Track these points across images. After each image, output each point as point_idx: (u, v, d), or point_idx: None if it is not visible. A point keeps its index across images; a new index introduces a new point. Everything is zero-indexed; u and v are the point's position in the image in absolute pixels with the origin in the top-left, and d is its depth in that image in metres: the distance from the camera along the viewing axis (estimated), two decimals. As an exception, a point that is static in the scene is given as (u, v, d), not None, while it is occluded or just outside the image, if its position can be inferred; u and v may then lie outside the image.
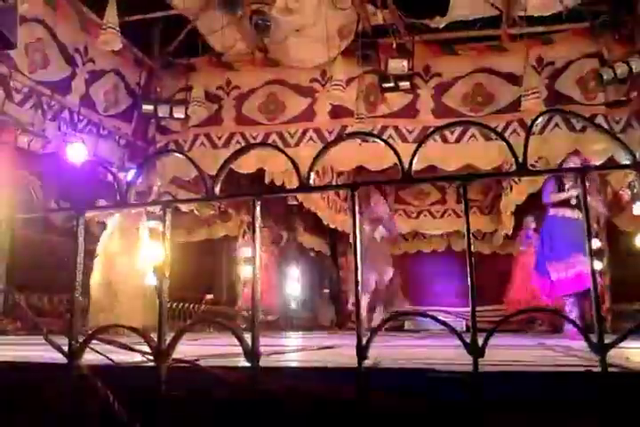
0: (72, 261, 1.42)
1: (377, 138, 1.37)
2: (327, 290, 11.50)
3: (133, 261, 5.54)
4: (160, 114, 6.88)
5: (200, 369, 1.35)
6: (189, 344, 2.92)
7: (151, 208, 4.58)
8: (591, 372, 1.24)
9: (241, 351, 1.25)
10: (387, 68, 6.29)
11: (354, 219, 1.32)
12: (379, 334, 1.26)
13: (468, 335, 1.19)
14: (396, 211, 11.02)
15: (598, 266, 7.71)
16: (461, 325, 8.95)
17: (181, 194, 7.48)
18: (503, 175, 6.45)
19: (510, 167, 5.94)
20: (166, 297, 1.36)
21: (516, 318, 1.56)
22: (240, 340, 1.25)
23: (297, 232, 10.75)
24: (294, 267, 10.89)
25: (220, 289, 9.91)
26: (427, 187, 10.69)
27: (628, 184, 7.21)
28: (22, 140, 5.31)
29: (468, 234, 1.25)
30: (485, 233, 10.91)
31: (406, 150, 1.15)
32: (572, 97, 6.38)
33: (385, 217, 7.16)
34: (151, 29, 6.97)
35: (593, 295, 1.20)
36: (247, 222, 8.92)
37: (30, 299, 5.93)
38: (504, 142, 1.26)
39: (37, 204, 1.46)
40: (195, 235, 9.20)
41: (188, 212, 8.15)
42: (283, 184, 7.17)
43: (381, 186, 8.98)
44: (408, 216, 11.03)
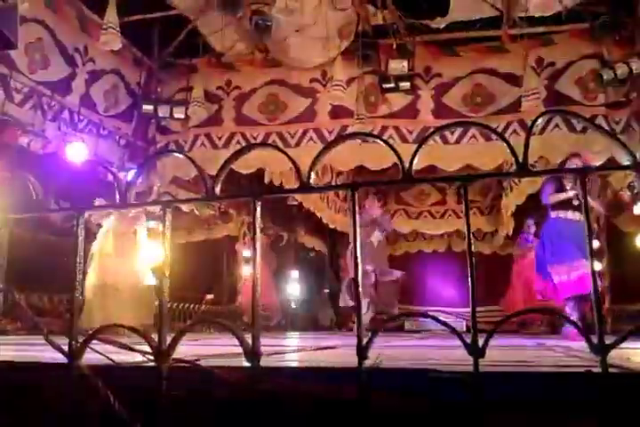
0: (72, 260, 1.42)
1: (377, 138, 1.36)
2: (327, 290, 11.49)
3: (128, 263, 5.54)
4: (160, 114, 6.88)
5: (200, 369, 1.35)
6: (190, 344, 2.92)
7: (151, 208, 4.58)
8: (592, 372, 1.24)
9: (241, 351, 1.25)
10: (387, 69, 6.30)
11: (354, 219, 1.32)
12: (379, 335, 1.26)
13: (469, 336, 1.19)
14: (397, 211, 11.03)
15: (598, 266, 7.71)
16: (462, 325, 8.95)
17: (182, 194, 7.48)
18: (503, 176, 6.43)
19: (510, 168, 5.94)
20: (167, 297, 1.36)
21: (512, 320, 1.56)
22: (240, 340, 1.25)
23: (297, 233, 10.75)
24: (294, 267, 10.90)
25: (221, 289, 9.91)
26: (427, 188, 10.68)
27: (628, 185, 7.21)
28: (22, 140, 5.32)
29: (469, 234, 1.25)
30: (485, 233, 10.92)
31: (406, 151, 1.15)
32: (572, 98, 6.38)
33: (379, 217, 7.17)
34: (151, 30, 6.97)
35: (593, 296, 1.20)
36: (248, 223, 8.92)
37: (30, 299, 5.92)
38: (504, 143, 1.26)
39: (37, 203, 1.46)
40: (195, 235, 9.20)
41: (189, 212, 8.14)
42: (281, 184, 7.18)
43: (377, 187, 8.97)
44: (408, 216, 11.04)
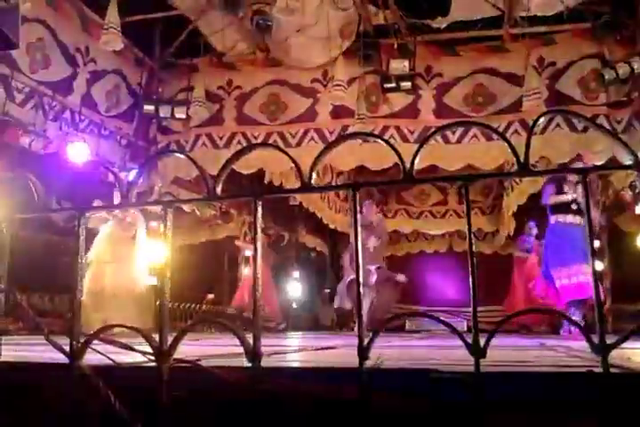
0: (73, 261, 1.42)
1: (378, 138, 1.36)
2: (328, 290, 11.49)
3: (126, 269, 5.55)
4: (161, 114, 6.88)
5: (201, 369, 1.35)
6: (191, 344, 2.92)
7: (152, 208, 4.58)
8: (592, 372, 1.24)
9: (242, 352, 1.25)
10: (388, 69, 6.29)
11: (355, 219, 1.32)
12: (380, 335, 1.25)
13: (470, 336, 1.19)
14: (398, 211, 11.04)
15: (599, 266, 7.70)
16: (463, 325, 8.94)
17: (183, 194, 7.48)
18: (505, 176, 6.42)
19: (512, 167, 5.94)
20: (167, 298, 1.36)
21: (512, 321, 1.56)
22: (241, 340, 1.25)
23: (298, 233, 10.75)
24: (295, 267, 10.90)
25: (222, 289, 9.91)
26: (428, 188, 10.68)
27: (630, 184, 7.21)
28: (24, 140, 5.32)
29: (470, 234, 1.25)
30: (487, 233, 10.92)
31: (407, 151, 1.15)
32: (574, 97, 6.37)
33: (374, 223, 7.02)
34: (152, 30, 6.98)
35: (595, 296, 1.20)
36: (249, 223, 8.92)
37: (31, 299, 5.93)
38: (505, 143, 1.26)
39: (39, 204, 1.46)
40: (197, 236, 9.20)
41: (190, 212, 8.15)
42: (281, 184, 7.17)
43: (373, 188, 8.94)
44: (410, 216, 11.04)
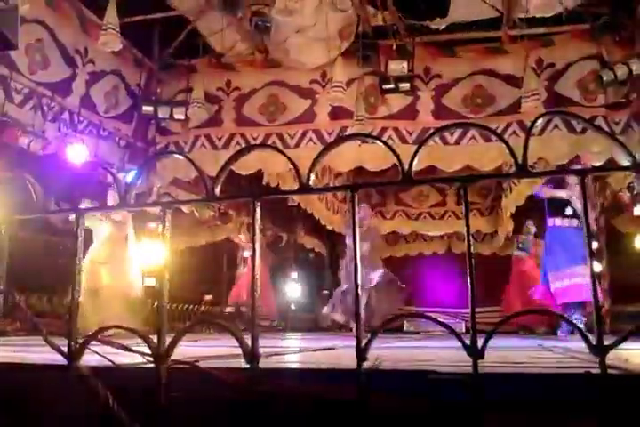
0: (71, 261, 1.42)
1: (377, 139, 1.36)
2: (326, 291, 11.48)
3: (121, 270, 5.55)
4: (160, 115, 6.87)
5: (199, 370, 1.35)
6: (189, 345, 2.92)
7: (151, 209, 4.58)
8: (590, 373, 1.24)
9: (240, 353, 1.25)
10: (387, 70, 6.29)
11: (353, 220, 1.32)
12: (378, 336, 1.26)
13: (468, 337, 1.19)
14: (396, 212, 11.04)
15: (597, 268, 7.71)
16: (461, 326, 8.94)
17: (182, 195, 7.48)
18: (503, 177, 6.44)
19: (510, 169, 5.95)
20: (166, 299, 1.36)
21: (511, 322, 1.56)
22: (239, 341, 1.25)
23: (297, 234, 10.75)
24: (293, 268, 10.89)
25: (220, 290, 9.91)
26: (426, 189, 10.68)
27: (628, 186, 7.22)
28: (22, 141, 5.31)
29: (468, 236, 1.25)
30: (485, 235, 10.93)
31: (406, 152, 1.15)
32: (572, 99, 6.37)
33: (364, 227, 6.88)
34: (151, 30, 6.97)
35: (593, 298, 1.20)
36: (247, 224, 8.91)
37: (30, 300, 5.92)
38: (504, 144, 1.26)
39: (37, 205, 1.46)
40: (197, 238, 9.18)
41: (189, 213, 8.15)
42: (278, 186, 7.17)
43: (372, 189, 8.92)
44: (408, 217, 11.05)
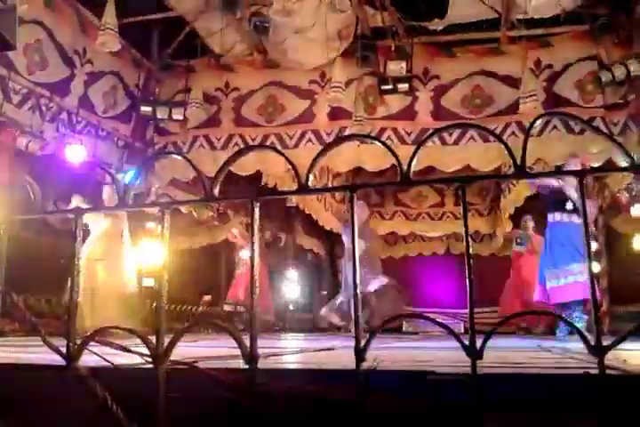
0: (70, 262, 1.42)
1: (375, 140, 1.36)
2: (325, 292, 11.49)
3: (115, 265, 5.55)
4: (159, 115, 6.87)
5: (198, 371, 1.35)
6: (188, 346, 2.92)
7: (149, 210, 4.58)
8: (589, 374, 1.24)
9: (239, 353, 1.25)
10: (385, 71, 6.29)
11: (352, 220, 1.32)
12: (377, 336, 1.26)
13: (467, 337, 1.19)
14: (395, 213, 11.05)
15: (596, 268, 7.72)
16: (460, 327, 8.94)
17: (180, 196, 7.47)
18: (502, 177, 6.45)
19: (509, 169, 5.96)
20: (165, 299, 1.36)
21: (514, 320, 1.57)
22: (238, 342, 1.25)
23: (295, 234, 10.75)
24: (292, 269, 10.89)
25: (219, 291, 9.90)
26: (425, 189, 10.69)
27: (626, 186, 7.22)
28: (20, 141, 5.31)
29: (467, 236, 1.25)
30: (484, 235, 10.94)
31: (405, 152, 1.15)
32: (571, 99, 6.38)
33: (361, 226, 6.81)
34: (150, 31, 6.97)
35: (591, 298, 1.20)
36: (246, 224, 8.91)
37: (28, 300, 5.91)
38: (502, 145, 1.26)
39: (36, 205, 1.46)
40: (196, 239, 9.16)
41: (187, 213, 8.14)
42: (275, 186, 7.17)
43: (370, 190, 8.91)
44: (407, 218, 11.06)
